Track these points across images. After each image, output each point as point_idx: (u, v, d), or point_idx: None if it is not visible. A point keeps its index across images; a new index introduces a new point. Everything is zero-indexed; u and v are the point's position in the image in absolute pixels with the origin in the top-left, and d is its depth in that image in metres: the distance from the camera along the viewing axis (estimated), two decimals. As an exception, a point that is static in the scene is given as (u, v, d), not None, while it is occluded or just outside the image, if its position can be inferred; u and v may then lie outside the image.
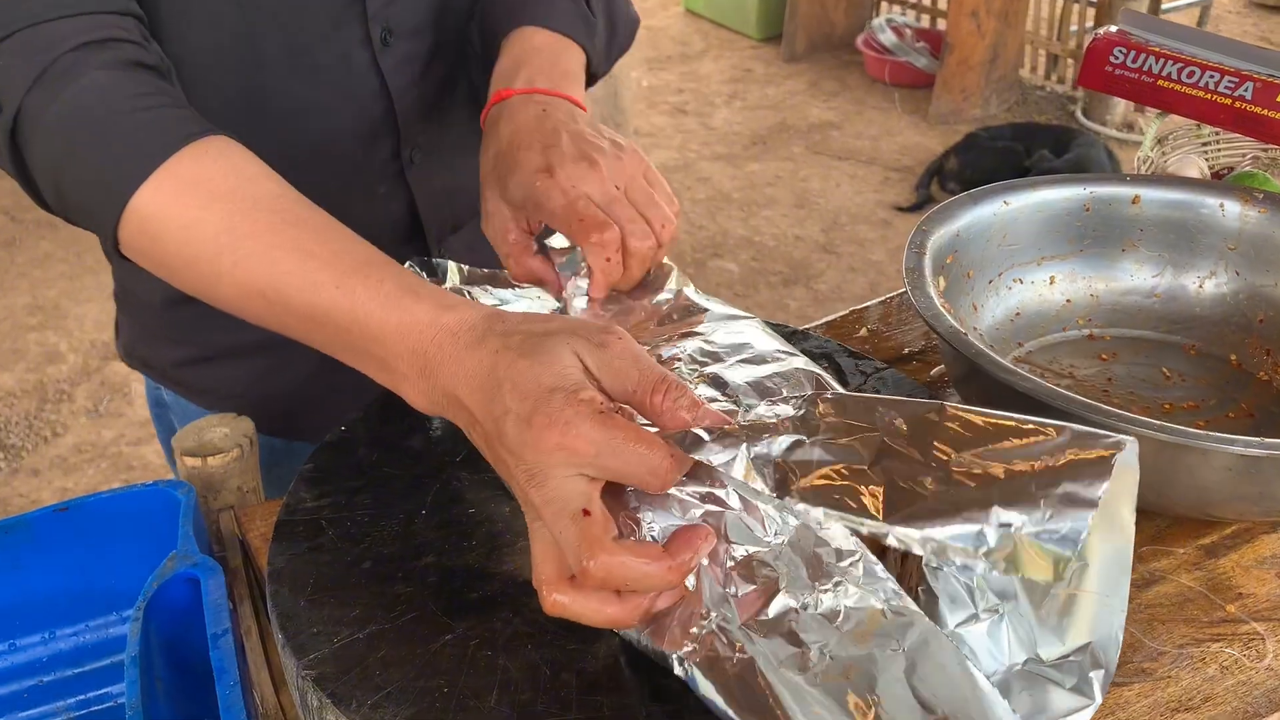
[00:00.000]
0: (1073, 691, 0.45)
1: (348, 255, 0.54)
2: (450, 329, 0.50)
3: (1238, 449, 0.59)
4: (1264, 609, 0.63)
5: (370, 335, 0.52)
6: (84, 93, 0.56)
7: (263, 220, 0.54)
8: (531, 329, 0.48)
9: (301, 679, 0.51)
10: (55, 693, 0.75)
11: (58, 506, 0.72)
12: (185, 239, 0.55)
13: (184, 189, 0.56)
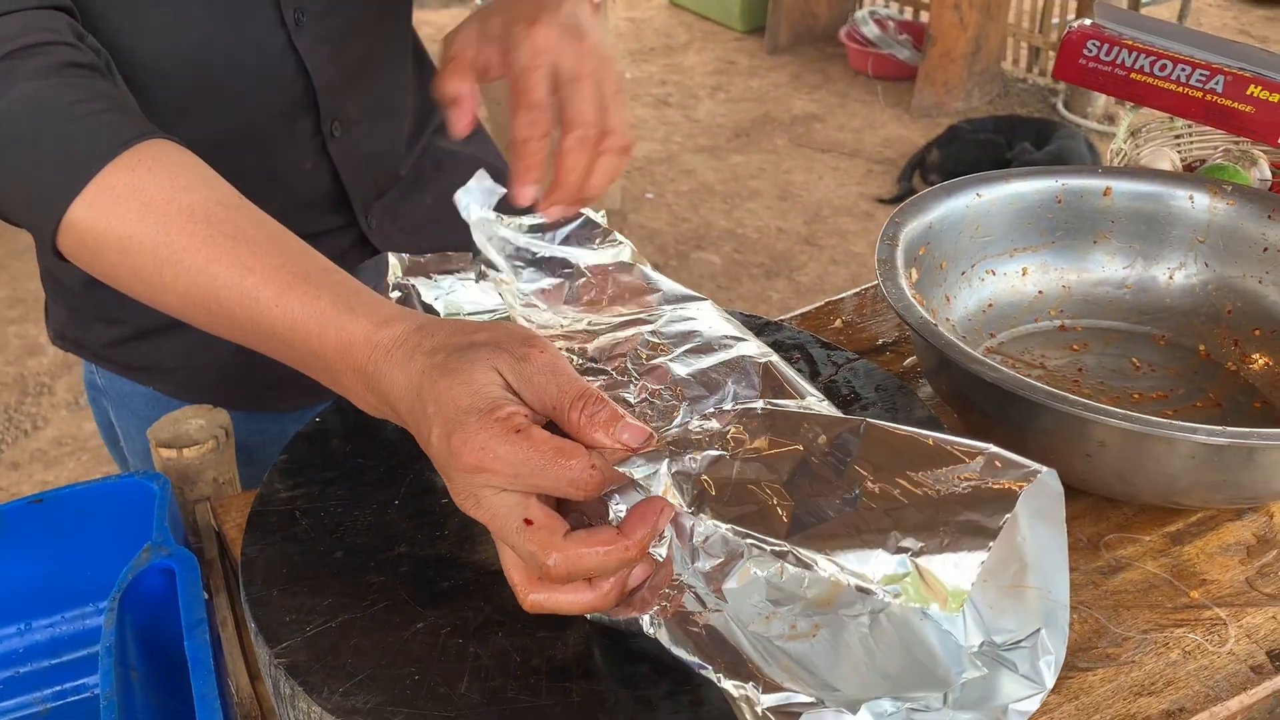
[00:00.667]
0: (1024, 677, 0.46)
1: (285, 269, 0.53)
2: (384, 346, 0.50)
3: (1201, 437, 0.60)
4: (1227, 595, 0.64)
5: (312, 352, 0.52)
6: (13, 106, 0.55)
7: (199, 232, 0.54)
8: (456, 343, 0.49)
9: (274, 667, 0.51)
10: (32, 684, 0.75)
11: (32, 498, 0.72)
12: (124, 250, 0.55)
13: (118, 201, 0.54)
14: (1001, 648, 0.46)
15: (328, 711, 0.48)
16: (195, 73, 0.74)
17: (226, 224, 0.54)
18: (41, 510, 0.72)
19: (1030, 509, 0.46)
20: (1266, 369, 0.81)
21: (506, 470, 0.45)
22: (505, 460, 0.45)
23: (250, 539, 0.58)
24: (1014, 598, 0.47)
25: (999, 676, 0.46)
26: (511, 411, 0.46)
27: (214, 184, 0.57)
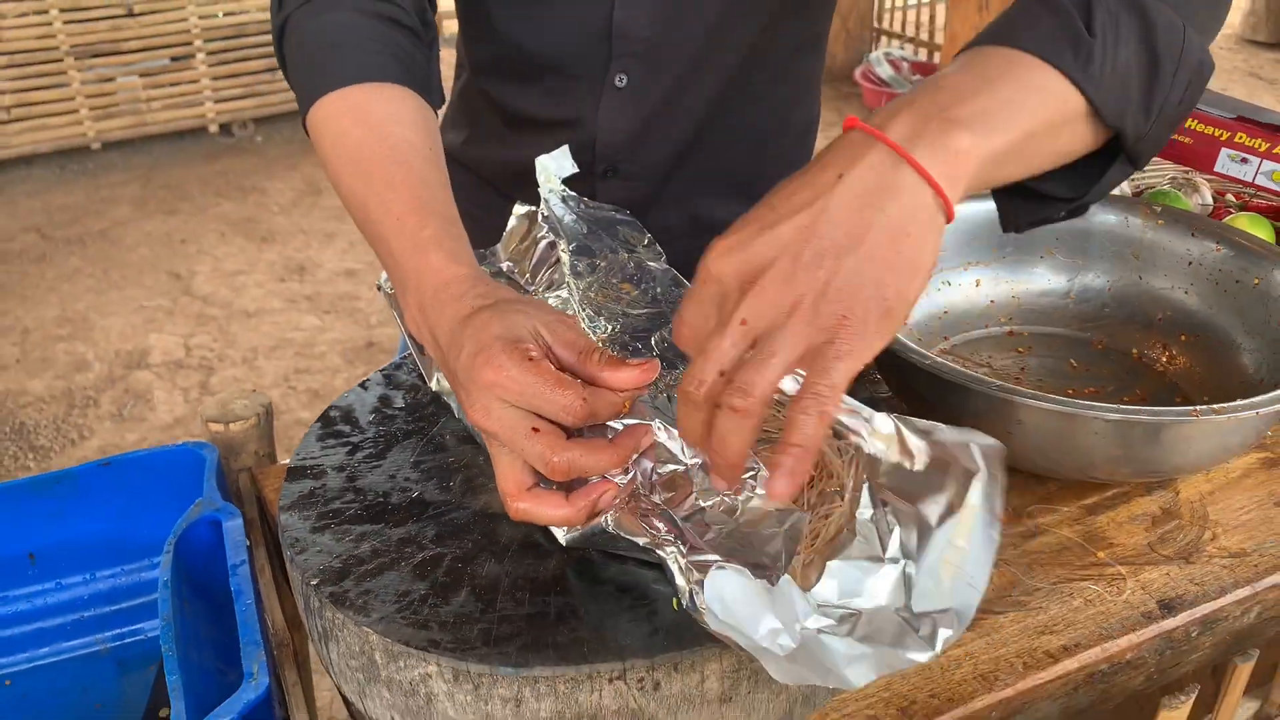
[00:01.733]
0: (922, 639, 0.51)
1: (418, 198, 0.67)
2: (446, 282, 0.62)
3: (1099, 414, 0.69)
4: (1129, 556, 0.74)
5: (397, 264, 0.66)
6: (330, 23, 0.75)
7: (381, 151, 0.69)
8: (505, 297, 0.61)
9: (306, 586, 0.62)
10: (94, 627, 0.86)
11: (102, 461, 0.83)
12: (335, 140, 0.72)
13: (352, 108, 0.72)
14: (914, 614, 0.51)
15: (348, 618, 0.59)
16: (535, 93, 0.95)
17: (403, 154, 0.69)
18: (109, 472, 0.83)
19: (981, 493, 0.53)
20: (1188, 369, 0.90)
21: (515, 388, 0.54)
22: (516, 379, 0.54)
23: (288, 488, 0.69)
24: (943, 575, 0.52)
25: (902, 633, 0.51)
26: (530, 347, 0.56)
27: (416, 128, 0.72)
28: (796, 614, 0.51)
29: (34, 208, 3.83)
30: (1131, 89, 0.54)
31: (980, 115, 0.50)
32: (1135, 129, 0.55)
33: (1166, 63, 0.54)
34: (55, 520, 0.83)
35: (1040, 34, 0.53)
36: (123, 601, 0.86)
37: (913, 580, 0.52)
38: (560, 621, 0.58)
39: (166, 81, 4.29)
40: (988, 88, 0.51)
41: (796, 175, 0.51)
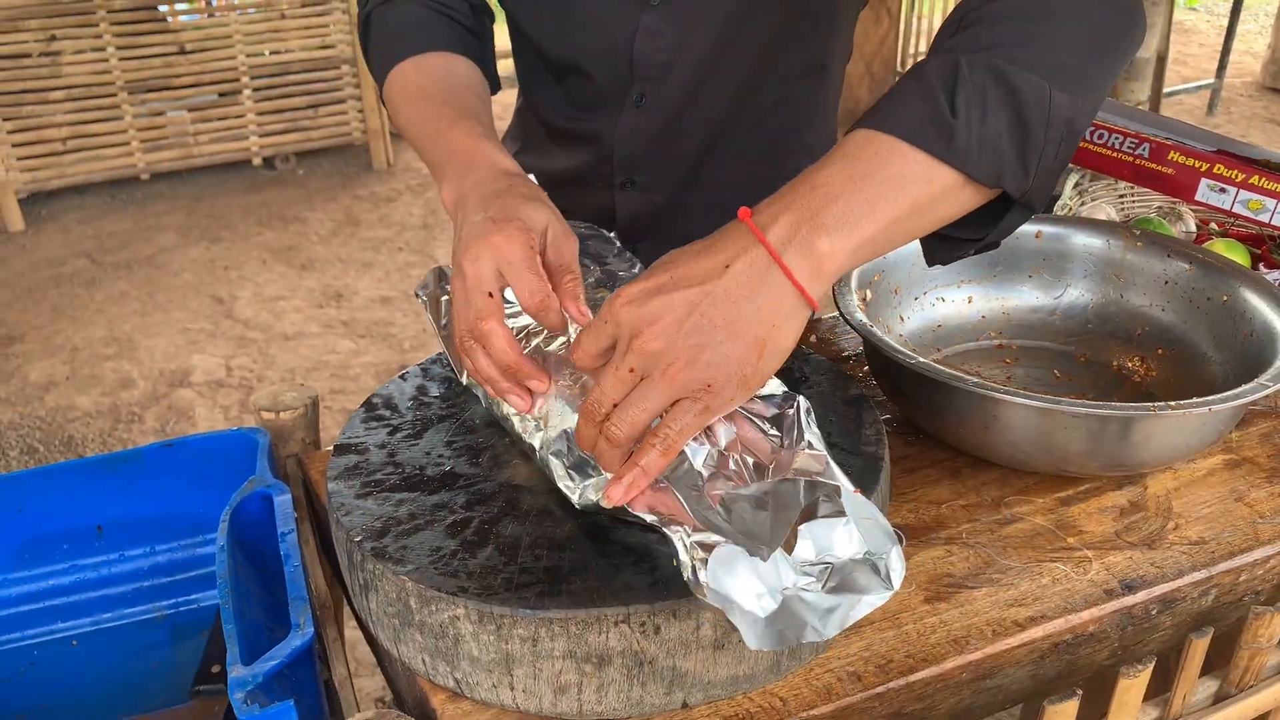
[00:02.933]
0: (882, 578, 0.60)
1: (460, 108, 0.87)
2: (477, 153, 0.80)
3: (1070, 409, 0.76)
4: (1097, 542, 0.80)
5: (449, 148, 0.82)
6: (403, 13, 0.97)
7: (438, 88, 0.91)
8: (531, 191, 0.77)
9: (350, 543, 0.70)
10: (153, 595, 0.94)
11: (164, 443, 0.92)
12: (400, 89, 0.93)
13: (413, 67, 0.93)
14: (871, 556, 0.60)
15: (387, 568, 0.67)
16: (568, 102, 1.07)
17: (455, 89, 0.90)
18: (171, 453, 0.92)
19: None
20: (1163, 379, 0.97)
21: (509, 258, 0.70)
22: (515, 252, 0.70)
23: (335, 462, 0.77)
24: (869, 526, 0.61)
25: (866, 575, 0.60)
26: (533, 236, 0.71)
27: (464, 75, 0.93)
28: (781, 578, 0.58)
29: (85, 234, 3.99)
30: (1005, 153, 0.61)
31: (843, 218, 0.58)
32: (1017, 185, 0.62)
33: (1036, 125, 0.61)
34: (122, 496, 0.92)
35: (908, 120, 0.60)
36: (179, 574, 0.95)
37: (859, 531, 0.60)
38: (573, 573, 0.65)
39: (214, 116, 4.46)
40: (851, 187, 0.59)
41: (695, 247, 0.61)
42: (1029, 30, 0.62)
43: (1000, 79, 0.60)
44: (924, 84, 0.61)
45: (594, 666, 0.64)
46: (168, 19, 4.34)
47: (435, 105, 0.87)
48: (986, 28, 0.63)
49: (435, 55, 0.94)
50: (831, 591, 0.59)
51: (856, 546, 0.60)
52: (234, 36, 4.39)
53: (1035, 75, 0.61)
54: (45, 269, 3.69)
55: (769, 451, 0.66)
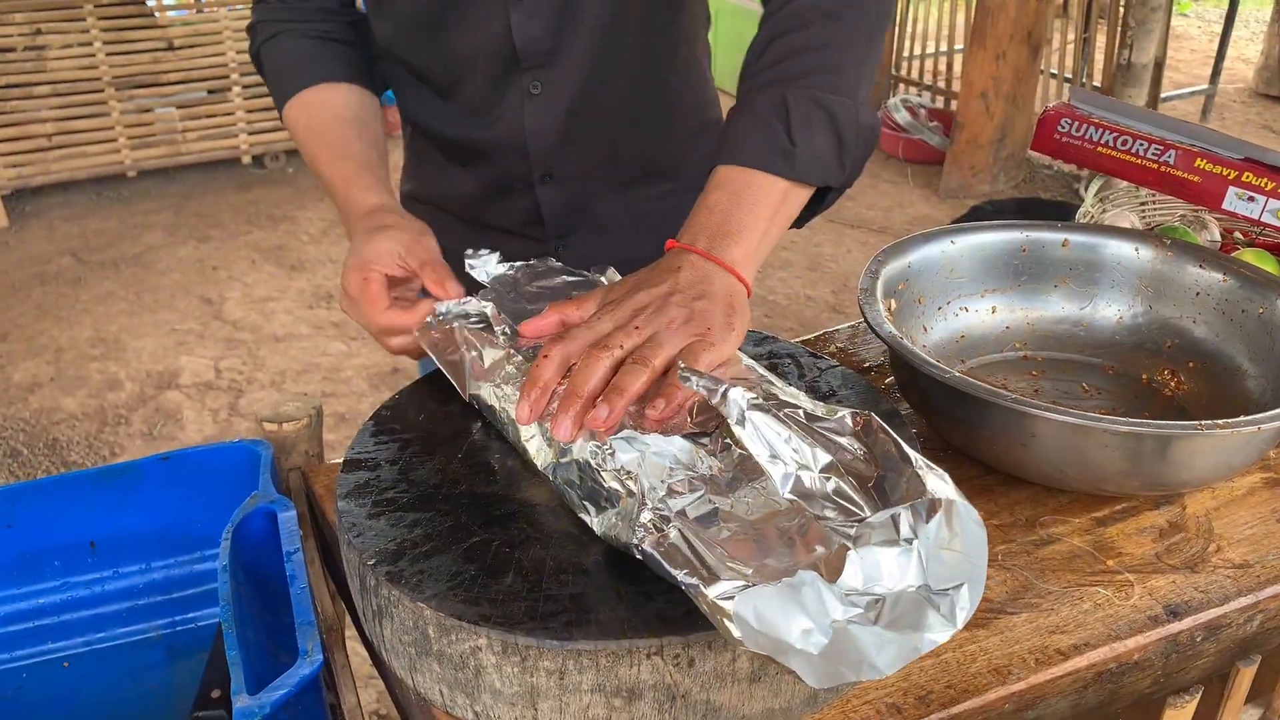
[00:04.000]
0: (944, 617, 0.56)
1: (343, 151, 0.98)
2: (358, 210, 0.93)
3: (1112, 427, 0.74)
4: (1138, 565, 0.77)
5: (330, 190, 0.98)
6: (282, 49, 1.05)
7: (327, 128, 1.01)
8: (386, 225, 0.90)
9: (363, 566, 0.66)
10: (149, 614, 0.90)
11: (161, 456, 0.88)
12: (297, 125, 1.03)
13: (306, 103, 1.03)
14: (933, 591, 0.56)
15: (403, 595, 0.63)
16: (461, 103, 1.07)
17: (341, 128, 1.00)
18: (168, 466, 0.88)
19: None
20: (1195, 394, 0.94)
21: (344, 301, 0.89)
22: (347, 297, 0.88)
23: (345, 479, 0.74)
24: (946, 558, 0.57)
25: (925, 612, 0.56)
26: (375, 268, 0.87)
27: (350, 108, 1.03)
28: (826, 609, 0.55)
29: (71, 232, 3.93)
30: (828, 161, 0.80)
31: (737, 229, 0.77)
32: (838, 181, 0.83)
33: (849, 136, 0.81)
34: (116, 510, 0.88)
35: (758, 153, 0.78)
36: (175, 591, 0.91)
37: (925, 560, 0.56)
38: (601, 602, 0.62)
39: (203, 113, 4.40)
40: (734, 208, 0.77)
41: (641, 272, 0.76)
42: (829, 60, 0.81)
43: (819, 105, 0.80)
44: (762, 120, 0.79)
45: (624, 701, 0.60)
46: (155, 14, 4.28)
47: (316, 147, 1.00)
48: (796, 61, 0.81)
49: (318, 90, 1.03)
50: (888, 626, 0.55)
51: (913, 577, 0.56)
52: (223, 33, 4.34)
53: (843, 97, 0.80)
54: (30, 267, 3.63)
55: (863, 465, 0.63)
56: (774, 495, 0.63)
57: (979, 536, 0.57)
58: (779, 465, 0.61)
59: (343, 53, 1.05)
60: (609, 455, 0.66)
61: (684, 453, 0.66)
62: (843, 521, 0.58)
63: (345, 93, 1.03)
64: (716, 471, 0.65)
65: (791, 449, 0.62)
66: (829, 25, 0.82)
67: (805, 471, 0.61)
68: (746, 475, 0.65)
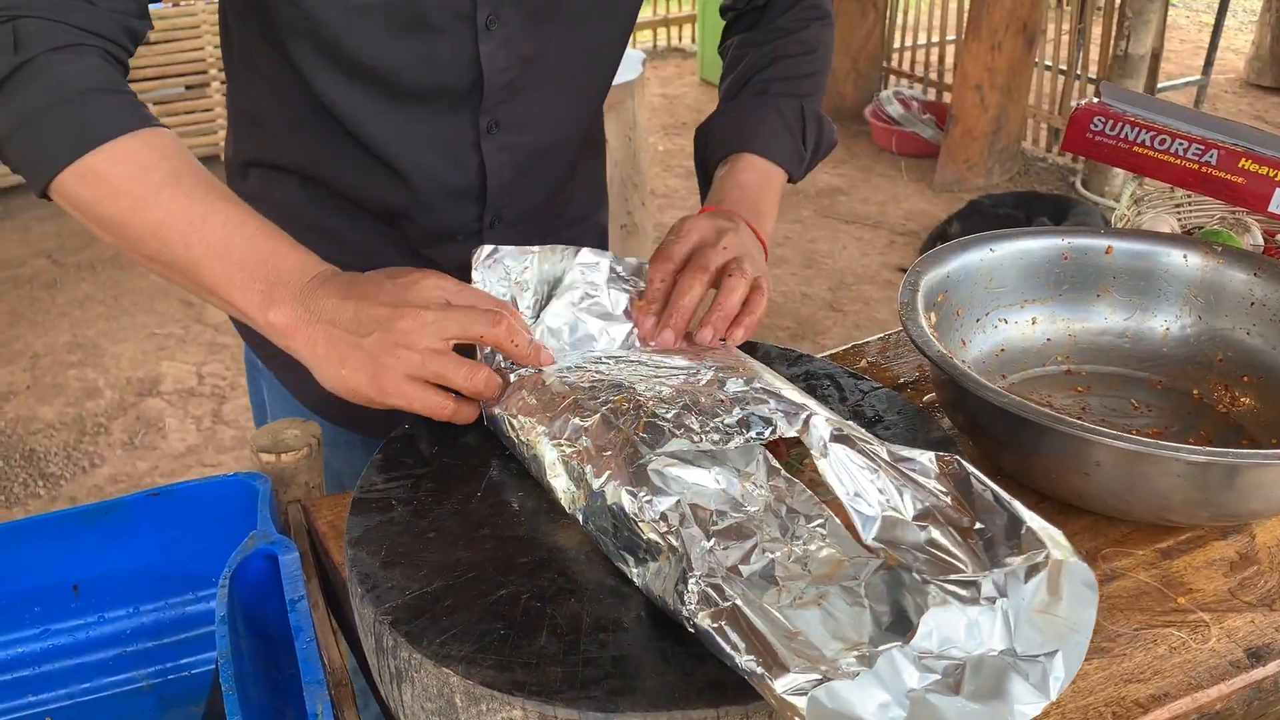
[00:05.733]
0: (1033, 686, 0.50)
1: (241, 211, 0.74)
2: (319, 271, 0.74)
3: (1186, 456, 0.68)
4: (1210, 602, 0.72)
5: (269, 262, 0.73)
6: (99, 67, 0.73)
7: (203, 177, 0.75)
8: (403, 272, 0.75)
9: (379, 623, 0.60)
10: (137, 662, 0.84)
11: (150, 492, 0.81)
12: (132, 176, 0.72)
13: (147, 148, 0.73)
14: (1020, 657, 0.51)
15: (426, 658, 0.57)
16: (393, 139, 0.89)
17: (218, 182, 0.75)
18: (157, 503, 0.81)
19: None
20: (1253, 410, 0.89)
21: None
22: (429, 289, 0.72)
23: (354, 521, 0.67)
24: (1045, 621, 0.52)
25: (1011, 680, 0.50)
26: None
27: (192, 161, 0.76)
28: (901, 676, 0.49)
29: (46, 233, 3.82)
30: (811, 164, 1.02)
31: (766, 210, 0.94)
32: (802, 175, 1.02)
33: (825, 146, 1.03)
34: (101, 551, 0.81)
35: (783, 152, 0.97)
36: (167, 636, 0.84)
37: (1013, 622, 0.51)
38: (646, 664, 0.56)
39: (181, 109, 4.30)
40: (765, 191, 0.95)
41: (703, 219, 0.87)
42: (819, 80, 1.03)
43: (819, 121, 1.01)
44: (790, 126, 0.98)
45: (676, 777, 0.54)
46: (131, 8, 4.17)
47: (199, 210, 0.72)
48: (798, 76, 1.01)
49: (161, 134, 0.75)
50: (971, 697, 0.49)
51: (997, 640, 0.50)
52: (201, 27, 4.23)
53: (827, 116, 1.02)
54: (3, 270, 3.53)
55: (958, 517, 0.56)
56: (837, 538, 0.57)
57: (1088, 600, 0.51)
58: (862, 504, 0.55)
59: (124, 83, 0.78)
60: (646, 503, 0.59)
61: (728, 486, 0.60)
62: (929, 575, 0.52)
63: (168, 140, 0.76)
64: (767, 506, 0.59)
65: (878, 489, 0.56)
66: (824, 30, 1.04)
67: (893, 515, 0.55)
68: (802, 511, 0.59)
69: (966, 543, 0.53)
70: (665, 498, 0.59)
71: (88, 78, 0.72)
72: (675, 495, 0.59)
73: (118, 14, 0.75)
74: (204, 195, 0.73)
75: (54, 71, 0.71)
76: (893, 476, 0.56)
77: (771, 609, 0.53)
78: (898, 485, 0.56)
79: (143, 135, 0.73)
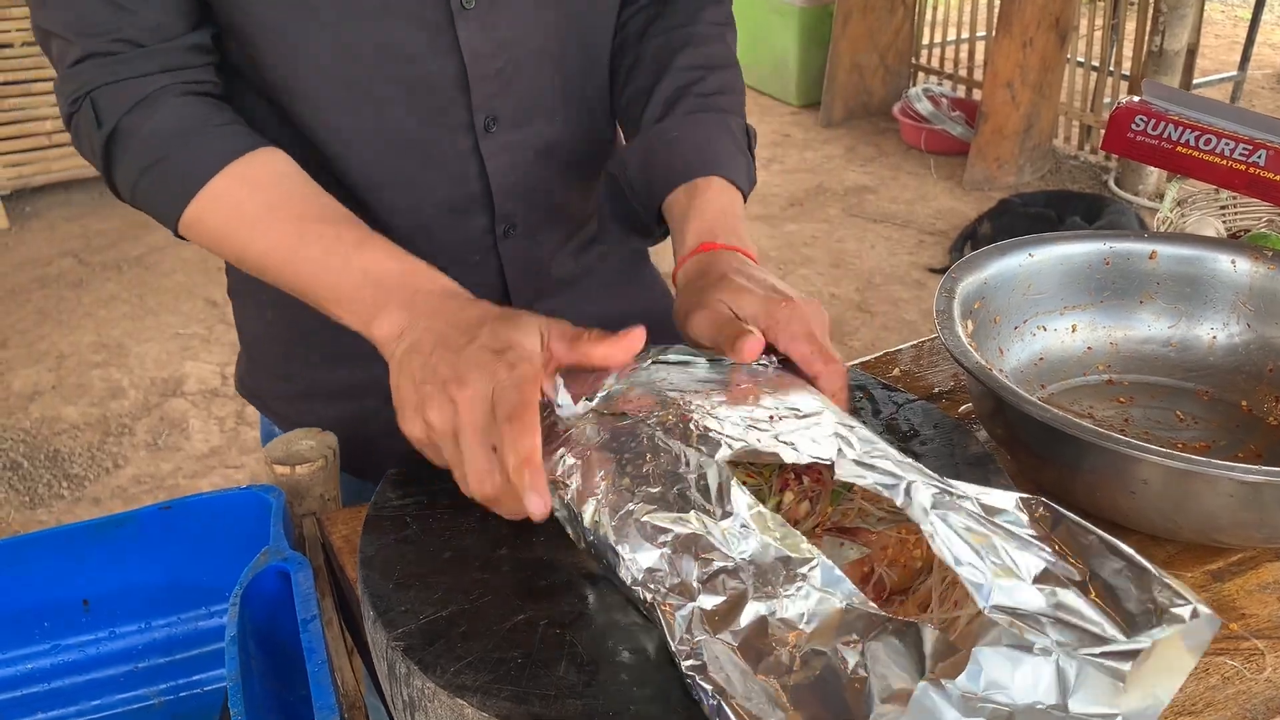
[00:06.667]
0: None
1: (362, 229, 0.74)
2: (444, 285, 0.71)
3: (1239, 476, 0.64)
4: (1265, 628, 0.68)
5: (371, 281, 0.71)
6: (170, 115, 0.75)
7: (296, 201, 0.75)
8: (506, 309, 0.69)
9: (391, 649, 0.57)
10: (148, 678, 0.82)
11: (162, 505, 0.79)
12: (231, 215, 0.74)
13: (237, 182, 0.74)
14: (1071, 716, 0.45)
15: (440, 687, 0.54)
16: (378, 158, 0.84)
17: (319, 199, 0.75)
18: (169, 517, 0.79)
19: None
20: (1306, 423, 0.85)
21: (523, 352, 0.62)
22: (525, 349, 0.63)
23: (367, 540, 0.65)
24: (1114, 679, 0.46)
25: None
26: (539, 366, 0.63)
27: (311, 181, 0.76)
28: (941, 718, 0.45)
29: (72, 233, 3.84)
30: None
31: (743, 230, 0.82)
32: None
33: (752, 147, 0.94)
34: (112, 565, 0.79)
35: (741, 175, 0.86)
36: (179, 652, 0.82)
37: (1069, 677, 0.46)
38: (671, 699, 0.53)
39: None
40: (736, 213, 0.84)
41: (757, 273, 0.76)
42: (742, 97, 0.94)
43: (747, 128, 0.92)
44: (740, 145, 0.89)
45: (702, 818, 0.51)
46: (157, 8, 4.18)
47: (315, 226, 0.73)
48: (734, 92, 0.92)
49: (246, 162, 0.75)
50: None
51: (1043, 692, 0.46)
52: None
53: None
54: (30, 270, 3.54)
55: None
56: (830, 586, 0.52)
57: (1184, 665, 0.47)
58: (970, 571, 0.50)
59: (229, 112, 0.78)
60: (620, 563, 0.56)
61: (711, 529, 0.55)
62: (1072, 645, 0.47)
63: (277, 161, 0.76)
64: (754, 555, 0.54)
65: (986, 552, 0.51)
66: (734, 40, 0.96)
67: (1012, 581, 0.49)
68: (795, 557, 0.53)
69: (1095, 601, 0.49)
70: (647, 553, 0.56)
71: (162, 129, 0.74)
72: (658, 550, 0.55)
73: (170, 44, 0.75)
74: (296, 221, 0.73)
75: (133, 138, 0.75)
76: (1003, 536, 0.52)
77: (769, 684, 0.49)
78: (1003, 543, 0.51)
79: (230, 171, 0.74)
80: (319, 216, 0.73)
